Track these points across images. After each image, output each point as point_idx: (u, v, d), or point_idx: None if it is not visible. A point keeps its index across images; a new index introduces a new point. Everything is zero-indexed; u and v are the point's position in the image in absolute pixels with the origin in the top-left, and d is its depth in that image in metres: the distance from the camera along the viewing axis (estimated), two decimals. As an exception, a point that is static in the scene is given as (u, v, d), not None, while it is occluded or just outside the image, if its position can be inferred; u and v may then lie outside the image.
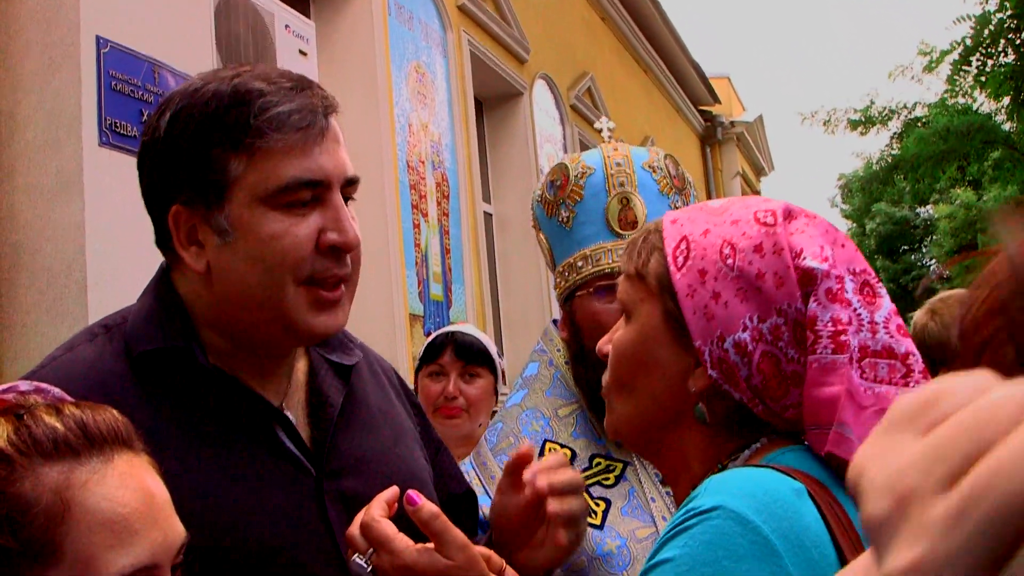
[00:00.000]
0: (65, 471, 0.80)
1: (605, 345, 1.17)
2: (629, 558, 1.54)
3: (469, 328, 2.98)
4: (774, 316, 1.00)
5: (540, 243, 1.83)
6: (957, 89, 13.03)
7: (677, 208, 1.68)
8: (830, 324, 0.97)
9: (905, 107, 16.32)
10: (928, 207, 28.85)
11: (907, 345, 1.02)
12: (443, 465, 1.48)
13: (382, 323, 5.00)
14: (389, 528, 1.12)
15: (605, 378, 1.15)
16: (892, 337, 1.01)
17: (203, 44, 3.52)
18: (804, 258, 1.00)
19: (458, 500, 1.48)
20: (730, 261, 1.02)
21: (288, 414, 1.24)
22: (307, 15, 5.10)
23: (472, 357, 2.78)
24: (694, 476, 1.02)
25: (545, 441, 1.66)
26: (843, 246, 1.04)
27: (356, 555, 1.13)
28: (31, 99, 3.09)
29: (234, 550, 1.11)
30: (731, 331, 1.00)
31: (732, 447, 1.05)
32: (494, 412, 2.87)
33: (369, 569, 1.12)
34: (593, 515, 1.57)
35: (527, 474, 1.26)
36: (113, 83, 3.13)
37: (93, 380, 1.13)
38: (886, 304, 1.03)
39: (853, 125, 17.60)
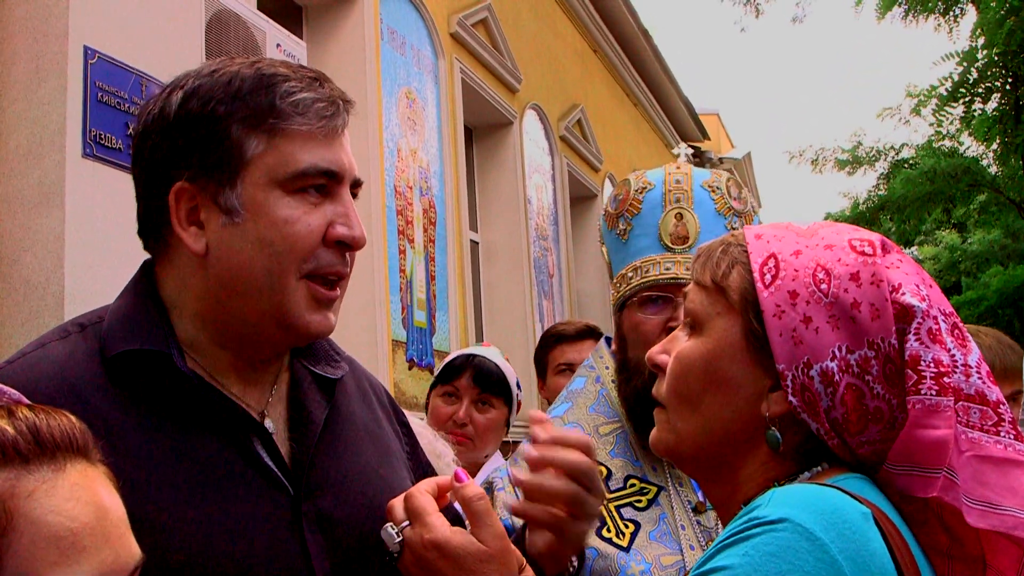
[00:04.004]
0: (11, 478, 0.74)
1: (659, 355, 1.12)
2: None
3: (492, 353, 2.85)
4: (865, 348, 0.97)
5: (603, 256, 1.89)
6: (943, 126, 13.16)
7: (735, 229, 1.69)
8: (932, 365, 0.95)
9: (892, 148, 16.49)
10: (913, 248, 29.07)
11: (997, 393, 0.99)
12: None
13: (365, 348, 4.95)
14: (430, 503, 1.10)
15: (660, 389, 1.11)
16: (984, 383, 0.98)
17: (193, 59, 3.49)
18: (903, 293, 0.98)
19: None
20: (824, 286, 0.99)
21: (268, 424, 1.18)
22: (299, 35, 5.09)
23: (489, 385, 2.70)
24: (748, 501, 0.99)
25: None
26: (931, 287, 1.02)
27: (389, 524, 1.11)
28: (16, 108, 3.05)
29: (199, 570, 1.04)
30: (819, 358, 0.97)
31: (788, 470, 1.02)
32: (505, 442, 2.81)
33: (398, 540, 1.09)
34: (621, 536, 1.59)
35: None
36: (99, 94, 3.09)
37: (62, 380, 1.08)
38: (975, 348, 1.01)
39: (840, 165, 17.76)
